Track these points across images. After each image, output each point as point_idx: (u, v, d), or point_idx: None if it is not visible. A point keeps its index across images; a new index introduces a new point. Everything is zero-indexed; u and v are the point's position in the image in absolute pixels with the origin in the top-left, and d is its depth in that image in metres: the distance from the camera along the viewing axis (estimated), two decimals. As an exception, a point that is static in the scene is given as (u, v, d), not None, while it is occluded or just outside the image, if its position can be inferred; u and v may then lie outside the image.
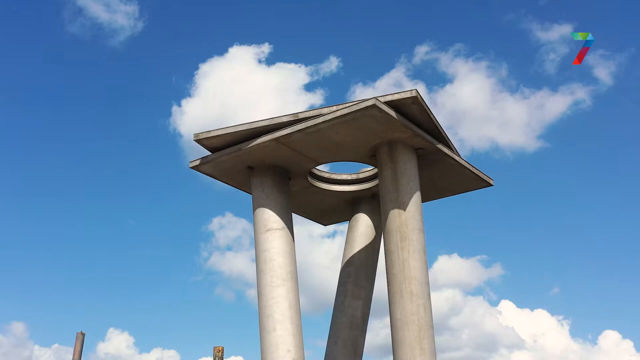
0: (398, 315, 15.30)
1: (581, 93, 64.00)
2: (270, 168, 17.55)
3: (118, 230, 69.37)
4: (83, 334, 33.49)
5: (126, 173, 71.06)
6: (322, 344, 18.68)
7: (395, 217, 15.93)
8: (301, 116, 15.99)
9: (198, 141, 17.24)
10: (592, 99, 63.05)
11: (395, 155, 16.35)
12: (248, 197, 18.16)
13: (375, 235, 19.39)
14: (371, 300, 19.17)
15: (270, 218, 16.96)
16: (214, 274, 68.49)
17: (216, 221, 66.94)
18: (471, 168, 18.11)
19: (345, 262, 19.23)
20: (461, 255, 60.58)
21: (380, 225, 18.64)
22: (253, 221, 17.25)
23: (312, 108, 16.54)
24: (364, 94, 67.32)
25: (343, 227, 21.83)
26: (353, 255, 19.17)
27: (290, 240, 16.99)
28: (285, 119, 16.16)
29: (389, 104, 15.21)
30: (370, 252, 19.30)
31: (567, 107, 63.90)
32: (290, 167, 17.75)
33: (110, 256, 68.97)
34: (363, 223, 19.57)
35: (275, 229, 16.80)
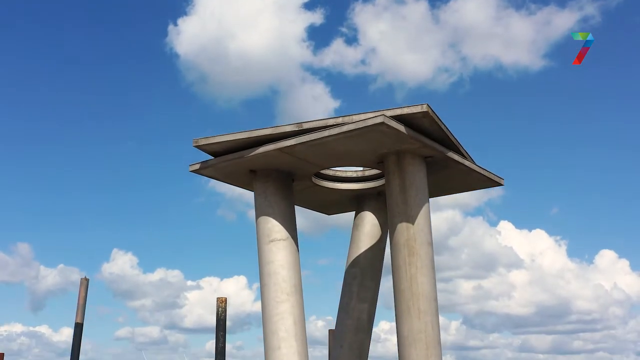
0: (405, 332, 15.02)
1: (590, 9, 60.52)
2: (272, 172, 16.91)
3: (119, 152, 69.01)
4: (87, 280, 33.67)
5: (124, 95, 69.98)
6: (323, 263, 18.59)
7: (403, 230, 15.41)
8: (305, 126, 15.26)
9: (198, 147, 16.58)
10: (601, 14, 59.93)
11: (403, 165, 15.68)
12: (251, 120, 17.44)
13: (381, 234, 18.89)
14: (377, 301, 18.88)
15: (273, 228, 16.41)
16: (215, 195, 68.85)
17: (217, 142, 66.39)
18: (482, 171, 17.45)
19: (351, 263, 18.81)
20: (461, 176, 60.12)
21: (386, 223, 18.08)
22: (256, 230, 16.73)
23: (311, 27, 15.54)
24: (363, 11, 64.45)
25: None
26: (359, 256, 18.74)
27: (295, 251, 16.48)
28: (288, 129, 15.43)
29: (398, 118, 14.45)
30: (376, 252, 18.85)
31: (574, 24, 60.85)
32: (294, 171, 17.11)
33: (113, 178, 68.91)
34: (369, 222, 19.03)
35: (279, 240, 16.28)
